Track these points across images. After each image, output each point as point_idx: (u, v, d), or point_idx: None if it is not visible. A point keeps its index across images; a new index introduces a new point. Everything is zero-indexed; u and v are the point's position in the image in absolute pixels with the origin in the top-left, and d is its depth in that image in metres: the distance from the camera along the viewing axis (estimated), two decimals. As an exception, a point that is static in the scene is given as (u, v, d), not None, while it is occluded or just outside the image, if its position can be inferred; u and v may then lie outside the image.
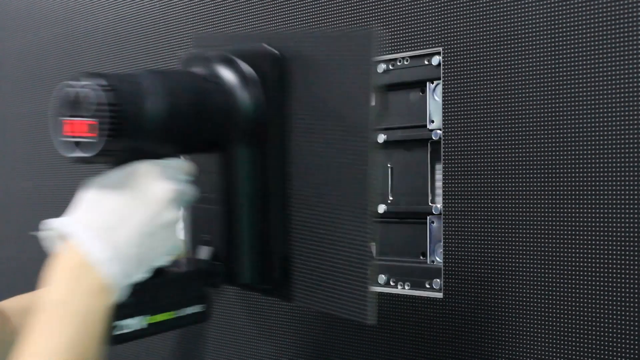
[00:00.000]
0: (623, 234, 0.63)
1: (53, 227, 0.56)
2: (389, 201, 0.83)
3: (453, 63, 0.74)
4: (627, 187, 0.63)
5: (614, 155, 0.63)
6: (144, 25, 1.14)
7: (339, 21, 0.85)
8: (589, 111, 0.65)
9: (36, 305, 0.56)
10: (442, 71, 0.75)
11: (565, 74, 0.67)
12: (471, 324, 0.72)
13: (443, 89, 0.75)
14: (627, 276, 0.62)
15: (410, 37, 0.78)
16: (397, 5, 0.80)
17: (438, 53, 0.76)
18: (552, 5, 0.67)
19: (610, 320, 0.63)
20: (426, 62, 0.77)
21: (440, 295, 0.75)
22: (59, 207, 1.36)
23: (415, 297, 0.77)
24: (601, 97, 0.64)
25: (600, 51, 0.64)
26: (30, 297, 0.72)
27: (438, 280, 0.75)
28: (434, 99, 0.77)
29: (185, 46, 1.06)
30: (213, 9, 1.02)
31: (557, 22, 0.67)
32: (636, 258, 0.62)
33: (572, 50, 0.66)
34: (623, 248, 0.63)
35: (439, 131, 0.76)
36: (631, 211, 0.62)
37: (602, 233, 0.64)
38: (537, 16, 0.68)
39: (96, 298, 0.52)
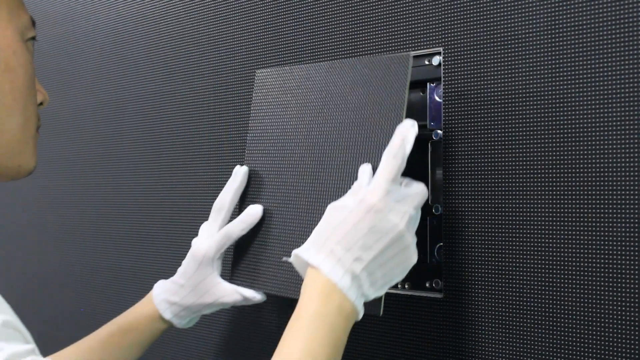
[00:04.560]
0: (623, 234, 0.63)
1: (301, 256, 0.64)
2: (389, 201, 0.83)
3: (453, 63, 0.75)
4: (627, 187, 0.63)
5: (614, 156, 0.63)
6: (145, 26, 1.14)
7: (340, 21, 0.85)
8: (589, 111, 0.65)
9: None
10: (442, 71, 0.75)
11: (565, 74, 0.67)
12: (471, 324, 0.72)
13: (443, 89, 0.75)
14: (628, 276, 0.62)
15: (411, 37, 0.78)
16: (398, 5, 0.80)
17: (438, 53, 0.76)
18: (553, 5, 0.67)
19: (611, 320, 0.63)
20: (426, 62, 0.77)
21: (440, 295, 0.75)
22: (59, 207, 1.37)
23: (415, 297, 0.77)
24: (601, 97, 0.64)
25: (601, 51, 0.65)
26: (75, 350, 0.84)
27: (438, 280, 0.75)
28: (434, 99, 0.77)
29: (186, 46, 1.06)
30: (214, 8, 1.02)
31: (557, 22, 0.67)
32: (636, 258, 0.62)
33: (573, 51, 0.66)
34: (623, 248, 0.63)
35: (439, 131, 0.76)
36: (631, 211, 0.62)
37: (602, 233, 0.64)
38: (538, 16, 0.68)
39: (340, 313, 0.61)
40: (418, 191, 0.65)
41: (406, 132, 0.66)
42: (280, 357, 0.58)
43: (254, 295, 0.80)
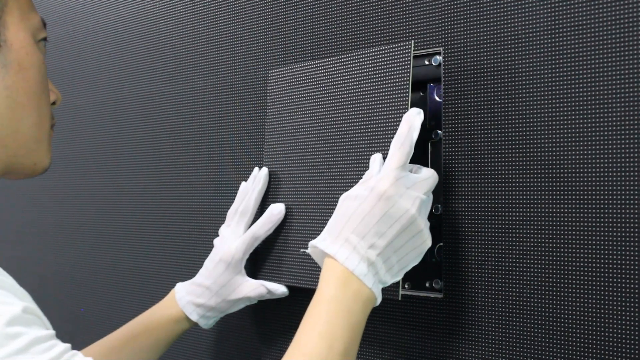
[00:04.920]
0: (623, 234, 0.63)
1: (318, 246, 0.66)
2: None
3: (453, 63, 0.74)
4: (627, 187, 0.63)
5: (614, 156, 0.63)
6: (145, 26, 1.14)
7: (340, 21, 0.85)
8: (589, 111, 0.65)
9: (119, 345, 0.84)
10: (442, 71, 0.75)
11: (565, 74, 0.67)
12: (471, 324, 0.72)
13: (443, 89, 0.75)
14: (628, 276, 0.62)
15: (411, 37, 0.78)
16: (398, 5, 0.80)
17: (438, 53, 0.76)
18: (553, 5, 0.67)
19: (611, 320, 0.63)
20: (426, 62, 0.77)
21: (440, 295, 0.75)
22: (59, 207, 1.37)
23: (415, 297, 0.77)
24: (601, 97, 0.64)
25: (601, 51, 0.65)
26: (110, 340, 0.87)
27: (438, 280, 0.75)
28: (434, 99, 0.77)
29: (186, 46, 1.06)
30: (214, 9, 1.02)
31: (557, 22, 0.67)
32: (636, 258, 0.62)
33: (573, 51, 0.66)
34: (623, 248, 0.63)
35: (439, 131, 0.76)
36: (631, 211, 0.62)
37: (602, 233, 0.64)
38: (538, 16, 0.68)
39: (358, 298, 0.62)
40: (428, 176, 0.67)
41: (412, 119, 0.67)
42: (299, 341, 0.60)
43: (276, 288, 0.83)
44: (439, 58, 0.75)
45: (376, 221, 0.63)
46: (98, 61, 1.23)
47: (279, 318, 0.91)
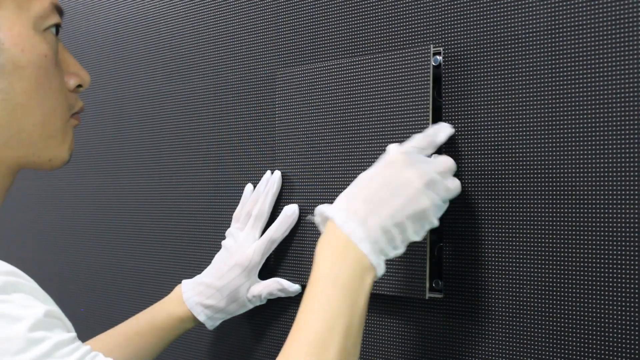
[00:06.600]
0: (623, 234, 0.63)
1: (321, 212, 0.64)
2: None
3: (453, 63, 0.74)
4: (627, 187, 0.63)
5: (614, 155, 0.63)
6: (145, 26, 1.14)
7: (340, 22, 0.85)
8: (589, 111, 0.65)
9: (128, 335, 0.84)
10: (442, 71, 0.75)
11: (565, 74, 0.67)
12: (471, 324, 0.72)
13: (443, 89, 0.75)
14: (628, 276, 0.62)
15: (411, 37, 0.78)
16: (398, 5, 0.80)
17: (438, 53, 0.76)
18: (553, 5, 0.67)
19: (611, 320, 0.63)
20: (426, 62, 0.77)
21: (440, 295, 0.75)
22: (59, 207, 1.37)
23: (415, 297, 0.77)
24: (601, 97, 0.64)
25: (601, 51, 0.65)
26: (119, 331, 0.87)
27: (438, 280, 0.75)
28: (434, 99, 0.77)
29: (186, 46, 1.06)
30: (214, 9, 1.02)
31: (557, 22, 0.67)
32: (637, 258, 0.62)
33: (573, 51, 0.66)
34: (623, 248, 0.63)
35: (439, 131, 0.76)
36: (631, 211, 0.62)
37: (602, 233, 0.64)
38: (538, 16, 0.68)
39: (358, 270, 0.60)
40: (445, 159, 0.66)
41: (441, 126, 0.69)
42: (298, 323, 0.58)
43: (290, 285, 0.85)
44: (439, 58, 0.75)
45: (378, 188, 0.62)
46: (98, 61, 1.23)
47: (280, 317, 0.91)
